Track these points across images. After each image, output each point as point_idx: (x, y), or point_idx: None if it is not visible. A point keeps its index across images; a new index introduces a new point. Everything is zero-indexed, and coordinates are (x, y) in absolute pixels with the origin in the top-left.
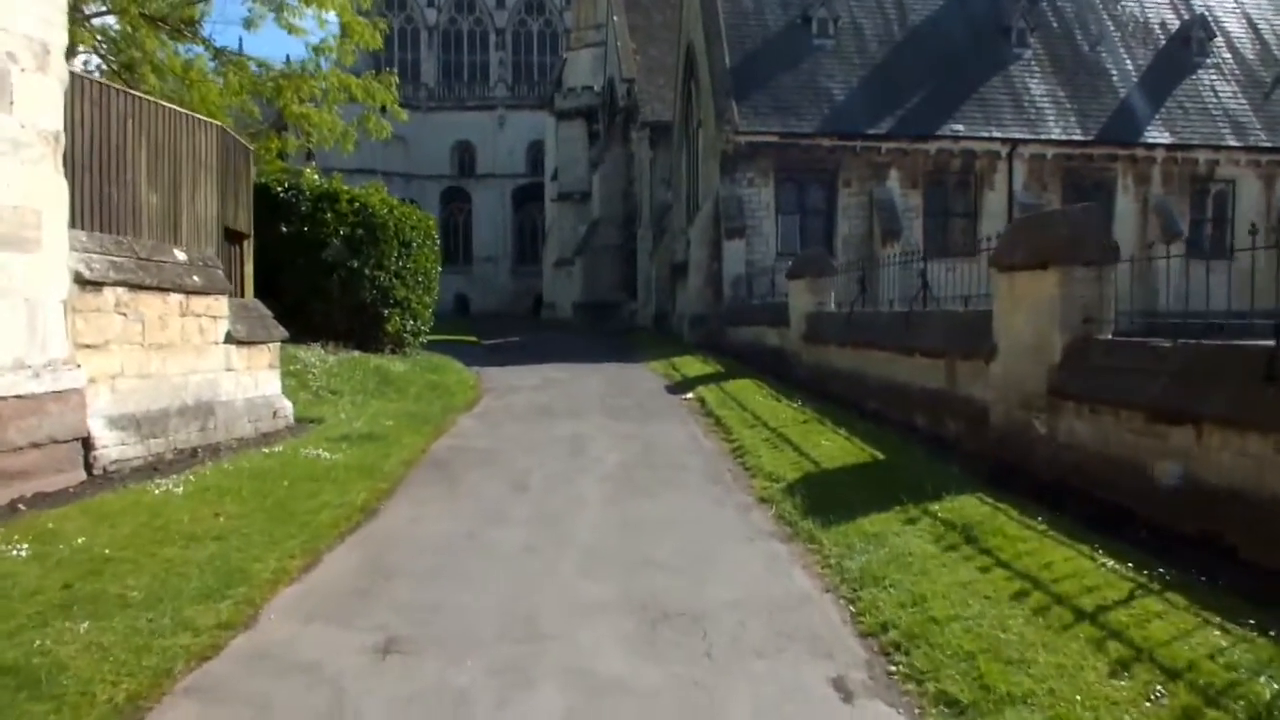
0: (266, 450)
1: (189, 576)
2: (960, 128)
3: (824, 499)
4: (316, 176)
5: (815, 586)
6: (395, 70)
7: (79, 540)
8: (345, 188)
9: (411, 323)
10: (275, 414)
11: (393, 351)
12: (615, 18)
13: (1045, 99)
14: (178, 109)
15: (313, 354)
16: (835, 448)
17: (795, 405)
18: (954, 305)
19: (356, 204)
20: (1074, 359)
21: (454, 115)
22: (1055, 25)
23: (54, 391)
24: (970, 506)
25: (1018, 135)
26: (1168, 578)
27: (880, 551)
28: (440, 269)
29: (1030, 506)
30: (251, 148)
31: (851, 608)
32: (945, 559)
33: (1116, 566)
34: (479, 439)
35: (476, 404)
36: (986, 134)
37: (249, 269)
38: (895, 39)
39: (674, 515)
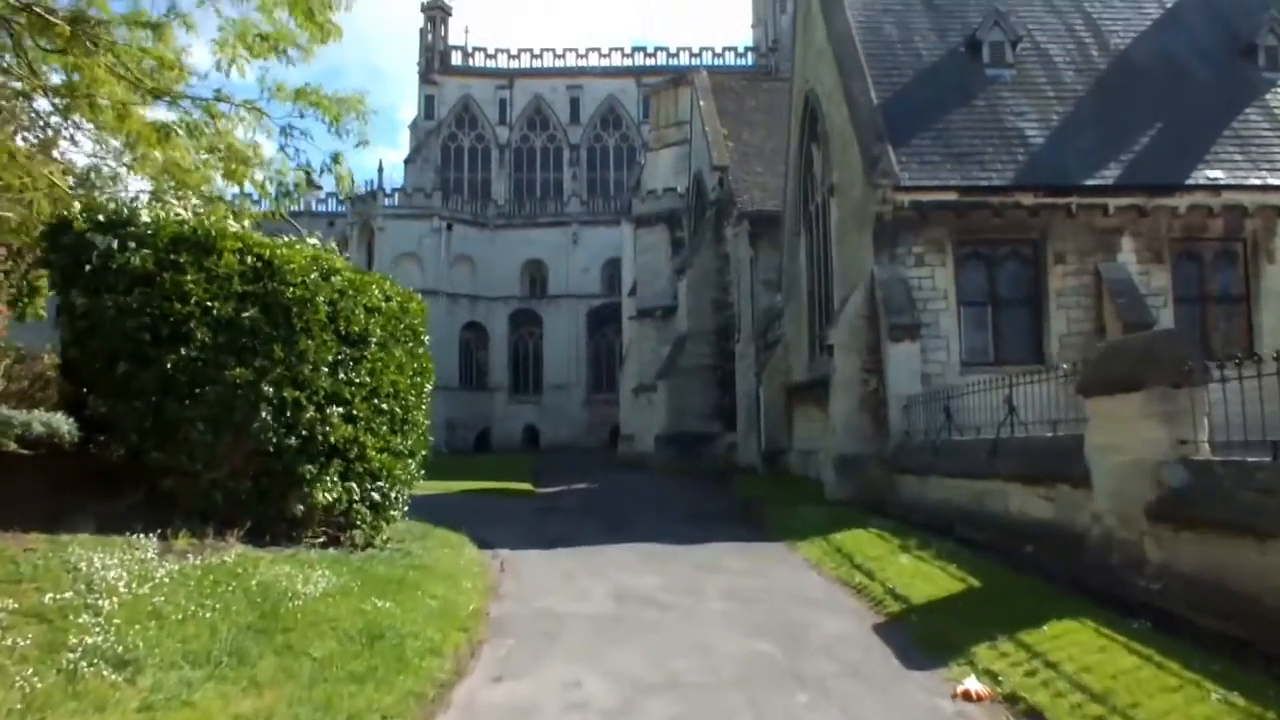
0: None
1: None
2: (1218, 174)
3: None
4: (183, 210)
5: None
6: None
7: None
8: (234, 230)
9: (367, 486)
10: None
11: (328, 542)
12: (702, 103)
13: None
14: None
15: (119, 558)
16: None
17: None
18: None
19: (251, 259)
20: None
21: (525, 233)
22: None
23: None
24: None
25: None
26: None
27: None
28: (431, 385)
29: None
30: None
31: None
32: None
33: None
34: None
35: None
36: (1258, 181)
37: None
38: (1096, 65)
39: None
